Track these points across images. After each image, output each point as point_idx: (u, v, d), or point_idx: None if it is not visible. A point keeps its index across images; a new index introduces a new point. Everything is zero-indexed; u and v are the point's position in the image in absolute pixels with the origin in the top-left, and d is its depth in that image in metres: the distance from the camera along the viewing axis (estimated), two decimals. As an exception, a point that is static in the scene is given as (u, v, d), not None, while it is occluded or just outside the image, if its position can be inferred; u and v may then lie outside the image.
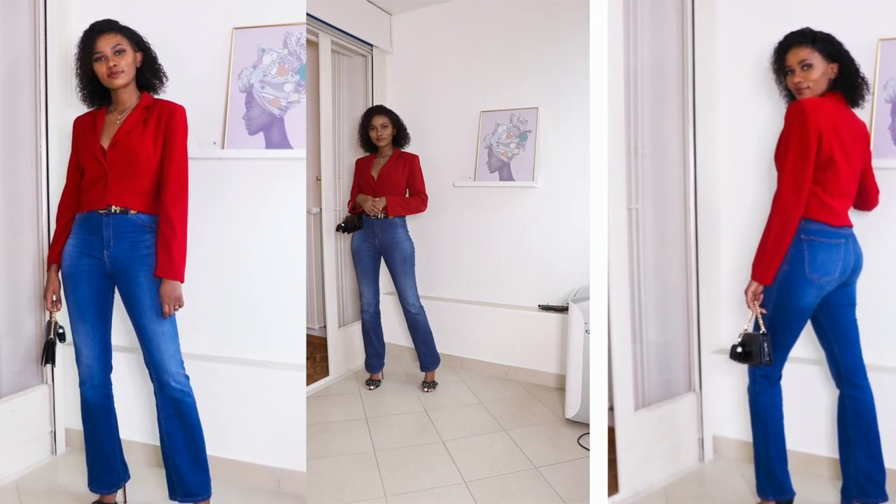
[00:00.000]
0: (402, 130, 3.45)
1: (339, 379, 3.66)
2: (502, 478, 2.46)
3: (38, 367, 2.49)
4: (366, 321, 3.51)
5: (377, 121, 3.37)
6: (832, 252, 1.92)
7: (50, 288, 2.11)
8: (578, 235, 3.38)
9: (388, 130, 3.37)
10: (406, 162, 3.40)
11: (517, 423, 2.99)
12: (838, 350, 2.05)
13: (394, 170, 3.37)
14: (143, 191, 2.01)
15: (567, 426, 2.95)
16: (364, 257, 3.44)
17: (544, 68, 3.51)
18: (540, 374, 3.54)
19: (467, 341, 3.81)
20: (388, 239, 3.36)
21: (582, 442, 2.77)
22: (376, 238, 3.38)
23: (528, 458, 2.63)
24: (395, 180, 3.36)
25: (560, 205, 3.50)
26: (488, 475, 2.48)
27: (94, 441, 2.13)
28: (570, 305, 2.97)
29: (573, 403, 2.92)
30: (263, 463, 2.34)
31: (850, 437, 2.04)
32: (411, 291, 3.40)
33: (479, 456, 2.65)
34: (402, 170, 3.38)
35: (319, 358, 3.89)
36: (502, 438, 2.83)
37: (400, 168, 3.38)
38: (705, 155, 2.51)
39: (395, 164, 3.38)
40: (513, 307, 3.66)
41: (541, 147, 3.54)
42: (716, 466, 2.50)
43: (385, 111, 3.40)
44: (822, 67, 1.96)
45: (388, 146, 3.42)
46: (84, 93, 2.10)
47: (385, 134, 3.37)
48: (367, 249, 3.43)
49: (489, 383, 3.59)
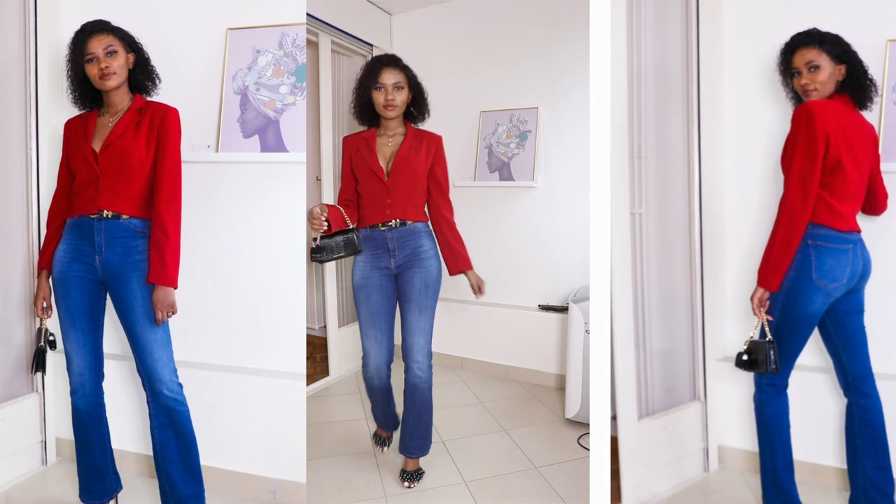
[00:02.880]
0: (422, 97, 2.37)
1: (339, 379, 3.66)
2: (502, 478, 2.47)
3: (29, 375, 2.47)
4: (374, 386, 2.44)
5: (388, 77, 2.26)
6: (840, 258, 1.91)
7: (40, 294, 2.10)
8: (578, 235, 3.41)
9: (402, 95, 2.29)
10: (429, 145, 2.36)
11: (517, 423, 3.01)
12: (846, 358, 2.03)
13: (413, 156, 2.32)
14: (136, 195, 1.99)
15: (567, 426, 2.96)
16: (373, 293, 2.33)
17: (544, 68, 3.54)
18: (540, 374, 3.57)
19: (467, 341, 3.84)
20: (410, 254, 2.32)
21: (582, 442, 2.79)
22: (391, 256, 2.33)
23: (527, 457, 2.64)
24: (415, 172, 2.31)
25: (560, 205, 3.53)
26: (488, 475, 2.50)
27: (86, 451, 2.11)
28: (570, 305, 2.99)
29: (573, 403, 2.94)
30: (259, 473, 2.32)
31: (859, 446, 2.02)
32: (425, 339, 2.34)
33: (479, 456, 2.67)
34: (424, 157, 2.34)
35: (319, 358, 3.90)
36: (502, 438, 2.84)
37: (422, 154, 2.33)
38: (710, 158, 2.49)
39: (413, 146, 2.33)
40: (513, 307, 3.68)
41: (541, 147, 3.57)
42: (721, 477, 2.48)
43: (399, 64, 2.30)
44: (830, 69, 1.94)
45: (398, 120, 2.37)
46: (75, 95, 2.09)
47: (398, 99, 2.27)
48: (379, 281, 2.33)
49: (489, 383, 3.61)
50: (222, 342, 2.40)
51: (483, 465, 2.57)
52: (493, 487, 2.39)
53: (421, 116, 2.42)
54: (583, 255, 3.33)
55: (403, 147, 2.34)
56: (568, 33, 3.42)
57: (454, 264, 2.42)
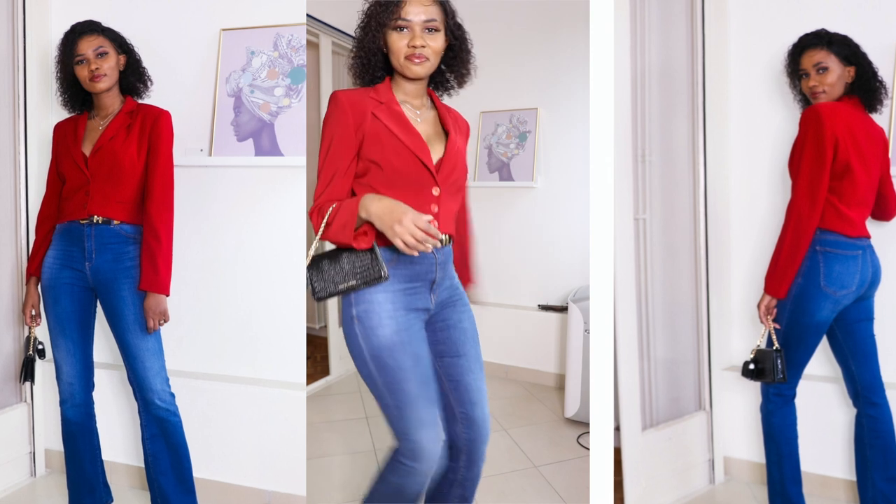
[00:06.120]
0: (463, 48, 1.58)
1: (339, 379, 3.69)
2: (502, 477, 2.49)
3: (17, 384, 2.43)
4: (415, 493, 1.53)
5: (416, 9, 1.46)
6: (849, 264, 1.88)
7: (29, 302, 2.09)
8: (578, 235, 3.47)
9: (438, 40, 1.49)
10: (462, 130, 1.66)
11: (517, 423, 3.04)
12: (855, 367, 2.01)
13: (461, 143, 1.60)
14: (127, 200, 1.98)
15: (566, 425, 3.00)
16: (420, 348, 1.49)
17: (544, 69, 3.59)
18: (539, 373, 3.61)
19: None
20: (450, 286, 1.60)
21: (581, 441, 2.82)
22: (432, 292, 1.53)
23: (527, 456, 2.67)
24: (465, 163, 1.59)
25: (559, 205, 3.58)
26: (488, 474, 2.50)
27: (76, 462, 2.10)
28: (569, 305, 3.03)
29: (572, 403, 2.97)
30: (253, 485, 2.29)
31: (868, 457, 2.00)
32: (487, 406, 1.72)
33: None
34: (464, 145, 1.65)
35: (320, 357, 3.92)
36: (502, 437, 2.87)
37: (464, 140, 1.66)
38: (716, 162, 2.47)
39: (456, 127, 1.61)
40: (513, 307, 3.73)
41: (540, 148, 3.63)
42: (727, 489, 2.46)
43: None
44: (839, 71, 1.92)
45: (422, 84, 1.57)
46: (65, 97, 2.08)
47: (432, 47, 1.48)
48: (420, 332, 1.51)
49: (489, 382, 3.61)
50: (216, 351, 2.37)
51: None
52: (493, 486, 2.41)
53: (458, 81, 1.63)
54: (582, 255, 3.40)
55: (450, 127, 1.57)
56: (568, 34, 3.47)
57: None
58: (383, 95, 1.50)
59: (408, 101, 1.54)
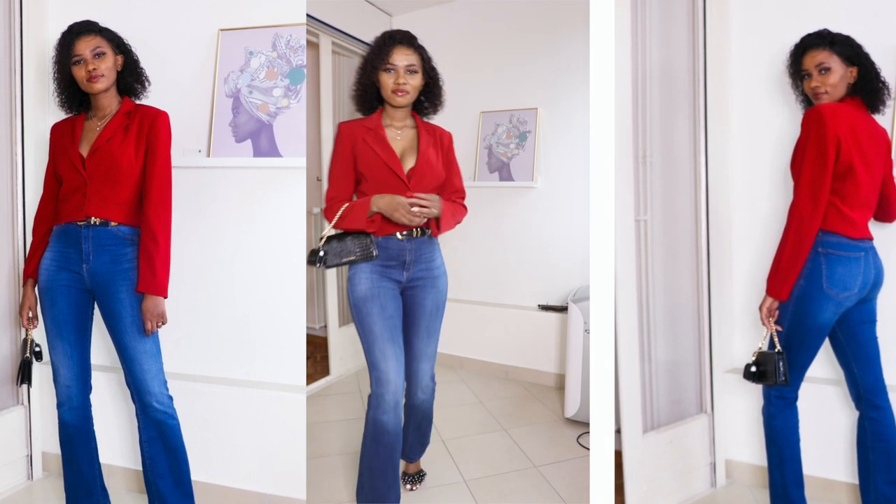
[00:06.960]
0: (437, 84, 2.11)
1: (339, 379, 3.70)
2: (502, 477, 2.50)
3: (14, 387, 2.42)
4: (389, 430, 1.98)
5: (400, 57, 1.98)
6: (851, 266, 1.87)
7: (26, 304, 2.08)
8: (578, 235, 3.48)
9: (416, 79, 2.01)
10: (441, 141, 2.15)
11: (517, 423, 3.04)
12: (858, 369, 2.00)
13: (433, 154, 2.08)
14: (125, 201, 1.97)
15: (566, 425, 3.00)
16: (389, 304, 2.01)
17: (544, 69, 3.60)
18: (539, 373, 3.61)
19: (467, 341, 3.89)
20: (423, 269, 2.09)
21: (581, 441, 2.82)
22: (405, 270, 2.06)
23: (527, 456, 2.67)
24: (437, 174, 2.08)
25: (559, 205, 3.59)
26: (488, 474, 2.52)
27: (73, 465, 2.09)
28: (569, 305, 3.03)
29: (572, 403, 2.98)
30: (252, 489, 2.28)
31: (871, 461, 1.98)
32: (431, 363, 2.19)
33: (478, 455, 2.69)
34: (439, 154, 2.12)
35: (320, 357, 3.93)
36: (502, 437, 2.88)
37: (440, 153, 2.12)
38: (717, 163, 2.46)
39: (430, 143, 2.10)
40: (513, 307, 3.74)
41: (540, 148, 3.64)
42: (729, 492, 2.45)
43: (413, 43, 2.03)
44: (841, 71, 1.91)
45: (406, 110, 2.09)
46: (62, 98, 2.07)
47: (411, 84, 2.00)
48: (391, 292, 2.04)
49: (489, 382, 3.67)
50: (214, 353, 2.36)
51: (483, 464, 2.60)
52: (493, 486, 2.42)
53: (433, 108, 2.14)
54: (582, 255, 3.40)
55: (423, 142, 2.06)
56: (568, 34, 3.47)
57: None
58: (373, 122, 2.06)
59: (393, 124, 2.08)
